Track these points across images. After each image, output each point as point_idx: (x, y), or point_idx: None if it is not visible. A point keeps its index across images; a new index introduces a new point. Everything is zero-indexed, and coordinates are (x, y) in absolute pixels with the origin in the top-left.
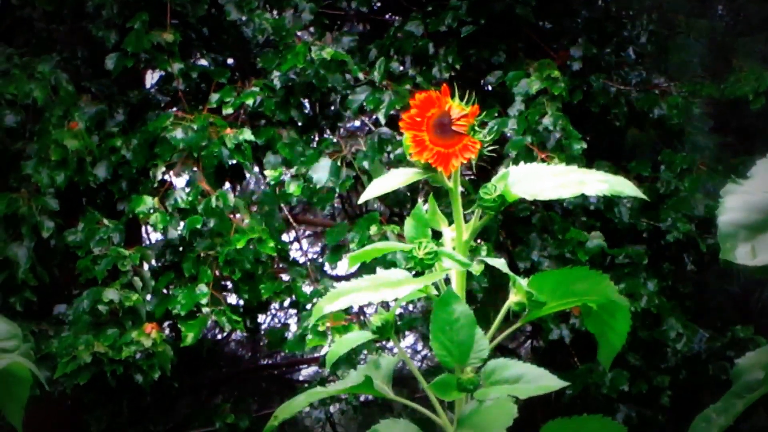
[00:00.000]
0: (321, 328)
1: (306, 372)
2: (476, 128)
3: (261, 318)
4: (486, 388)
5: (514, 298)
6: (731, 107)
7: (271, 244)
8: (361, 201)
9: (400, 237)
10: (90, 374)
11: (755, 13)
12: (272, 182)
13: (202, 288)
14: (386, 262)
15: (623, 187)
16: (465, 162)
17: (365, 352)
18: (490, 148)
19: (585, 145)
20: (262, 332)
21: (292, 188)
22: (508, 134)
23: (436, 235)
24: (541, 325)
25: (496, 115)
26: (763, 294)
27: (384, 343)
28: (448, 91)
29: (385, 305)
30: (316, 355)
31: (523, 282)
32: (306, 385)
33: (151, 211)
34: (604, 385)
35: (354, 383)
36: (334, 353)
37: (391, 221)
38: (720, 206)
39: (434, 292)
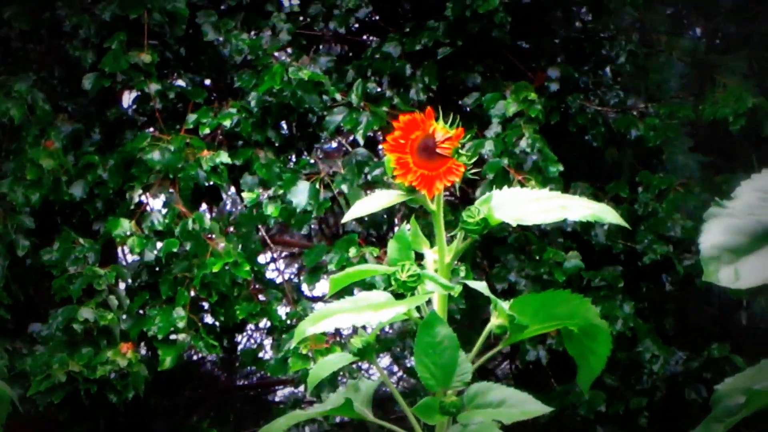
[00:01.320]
0: (303, 351)
1: (282, 393)
2: (460, 151)
3: (238, 338)
4: (469, 412)
5: (495, 321)
6: (712, 125)
7: (247, 267)
8: (344, 221)
9: (379, 259)
10: (64, 393)
11: (732, 33)
12: (249, 204)
13: (179, 311)
14: (365, 284)
15: (606, 213)
16: (449, 185)
17: (342, 375)
18: (473, 171)
19: (561, 168)
20: (239, 353)
21: (270, 210)
22: (486, 156)
23: (418, 258)
24: (519, 347)
25: (474, 136)
26: (741, 313)
27: (361, 365)
28: (433, 114)
29: (364, 326)
30: (292, 376)
31: (505, 305)
32: (282, 406)
33: (128, 234)
34: (581, 406)
35: (334, 406)
36: (315, 376)
37: (368, 241)
38: (703, 229)
39: (416, 314)
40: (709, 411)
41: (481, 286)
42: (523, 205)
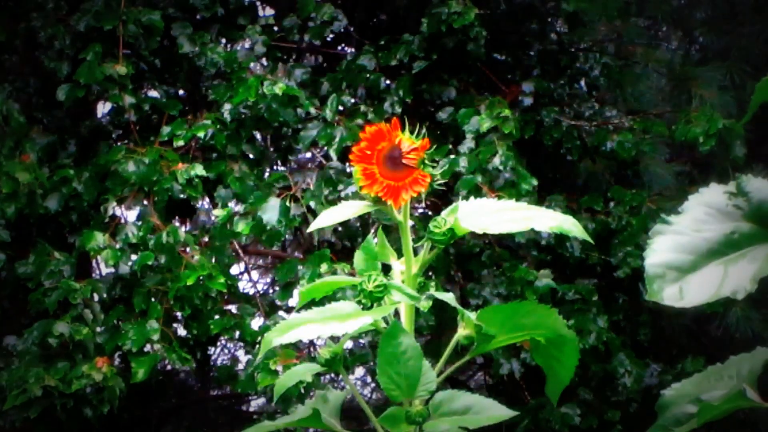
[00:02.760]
0: (272, 367)
1: (255, 403)
2: (426, 162)
3: (211, 350)
4: (435, 420)
5: (462, 331)
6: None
7: (221, 280)
8: (310, 230)
9: (351, 275)
10: (41, 407)
11: (709, 46)
12: (221, 222)
13: (153, 324)
14: (336, 299)
15: (571, 226)
16: (415, 195)
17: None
18: (441, 182)
19: (536, 183)
20: (212, 363)
21: (241, 227)
22: (461, 169)
23: (386, 269)
24: (492, 359)
25: (450, 148)
26: (716, 325)
27: (334, 375)
28: (399, 125)
29: (335, 337)
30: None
31: (472, 315)
32: (256, 416)
33: (102, 247)
34: (554, 420)
35: (302, 416)
36: (282, 385)
37: (343, 251)
38: (648, 248)
39: (383, 325)
40: None
41: (448, 297)
42: (490, 215)
